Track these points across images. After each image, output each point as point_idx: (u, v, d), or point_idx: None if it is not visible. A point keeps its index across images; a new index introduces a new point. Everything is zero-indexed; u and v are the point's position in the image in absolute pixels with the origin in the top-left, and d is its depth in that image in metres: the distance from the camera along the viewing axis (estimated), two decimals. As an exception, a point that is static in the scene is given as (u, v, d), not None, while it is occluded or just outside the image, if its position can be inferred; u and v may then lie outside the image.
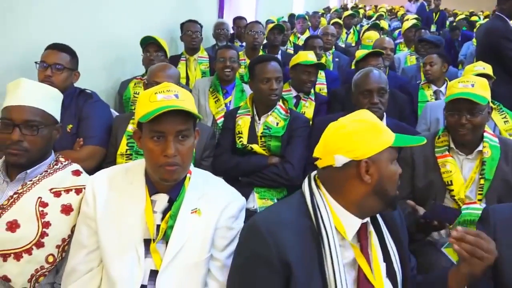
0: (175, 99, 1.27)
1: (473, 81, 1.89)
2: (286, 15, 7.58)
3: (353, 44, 5.98)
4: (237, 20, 5.02)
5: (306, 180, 1.28)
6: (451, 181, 1.89)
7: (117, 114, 2.52)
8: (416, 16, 8.50)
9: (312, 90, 3.07)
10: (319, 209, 1.19)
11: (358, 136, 1.18)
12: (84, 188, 1.40)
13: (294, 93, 3.01)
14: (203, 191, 1.37)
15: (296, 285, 1.12)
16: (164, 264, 1.27)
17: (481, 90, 1.87)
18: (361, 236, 1.23)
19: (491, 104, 2.72)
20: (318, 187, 1.24)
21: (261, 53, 3.79)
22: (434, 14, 7.89)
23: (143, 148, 1.30)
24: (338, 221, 1.19)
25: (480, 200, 1.88)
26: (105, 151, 2.17)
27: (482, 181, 1.87)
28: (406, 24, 5.60)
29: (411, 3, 13.99)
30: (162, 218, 1.32)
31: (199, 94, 3.01)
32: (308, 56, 2.93)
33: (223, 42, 4.32)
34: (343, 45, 5.56)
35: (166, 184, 1.31)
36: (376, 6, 15.50)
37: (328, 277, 1.13)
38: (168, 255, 1.28)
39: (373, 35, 4.17)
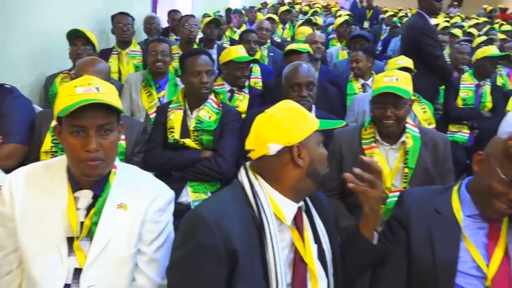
0: (96, 93, 1.24)
1: (398, 75, 1.98)
2: (223, 9, 7.57)
3: (289, 39, 6.10)
4: (172, 13, 4.95)
5: (242, 171, 1.31)
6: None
7: (41, 109, 2.41)
8: (348, 12, 8.84)
9: (246, 83, 3.11)
10: (259, 198, 1.23)
11: (288, 123, 1.24)
12: (1, 187, 1.33)
13: (227, 87, 3.03)
14: (129, 185, 1.35)
15: (240, 272, 1.15)
16: (88, 262, 1.24)
17: (405, 84, 1.97)
18: (298, 219, 1.29)
19: (412, 97, 2.94)
20: (255, 177, 1.28)
21: (195, 47, 3.77)
22: (367, 11, 8.23)
23: (63, 144, 1.26)
24: (276, 207, 1.24)
25: (404, 187, 1.98)
26: (26, 149, 2.06)
27: (406, 170, 1.97)
28: (338, 20, 5.82)
29: (344, 0, 14.55)
30: (87, 215, 1.29)
31: (131, 88, 2.94)
32: (240, 52, 2.92)
33: (154, 36, 4.24)
34: (279, 40, 5.66)
35: (89, 179, 1.28)
36: (311, 2, 15.89)
37: (268, 261, 1.18)
38: (93, 252, 1.25)
39: (306, 30, 4.29)
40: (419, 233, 1.42)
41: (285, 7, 7.29)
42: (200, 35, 4.40)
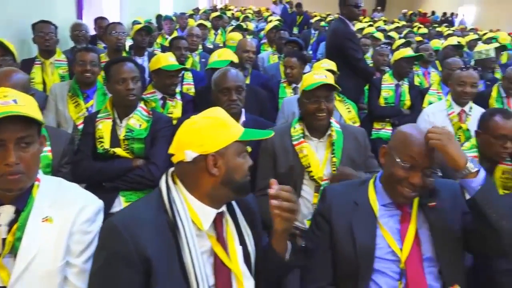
0: (14, 105, 1.21)
1: (325, 74, 2.21)
2: (154, 15, 7.48)
3: (221, 45, 6.15)
4: (99, 20, 4.83)
5: (163, 177, 1.33)
6: (309, 163, 2.13)
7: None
8: (279, 18, 9.09)
9: (178, 90, 3.11)
10: (175, 203, 1.25)
11: (206, 132, 1.26)
12: None
13: (159, 94, 3.02)
14: (54, 197, 1.33)
15: (156, 279, 1.17)
16: (12, 279, 1.20)
17: (332, 80, 2.18)
18: (217, 224, 1.32)
19: (336, 96, 3.11)
20: (175, 182, 1.30)
21: (124, 54, 3.71)
22: (298, 17, 8.51)
23: None
24: (194, 213, 1.26)
25: None
26: None
27: (334, 159, 2.14)
28: (268, 26, 5.98)
29: (275, 6, 14.91)
30: (9, 231, 1.25)
31: (57, 99, 2.83)
32: (169, 60, 2.91)
33: (82, 44, 4.13)
34: (211, 46, 5.70)
35: (10, 194, 1.24)
36: (243, 8, 16.11)
37: (187, 267, 1.21)
38: (17, 269, 1.21)
39: (236, 36, 4.37)
40: (340, 225, 1.53)
41: (216, 13, 7.35)
42: (129, 42, 4.34)
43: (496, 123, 2.09)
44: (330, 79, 2.18)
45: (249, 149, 1.38)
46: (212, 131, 1.26)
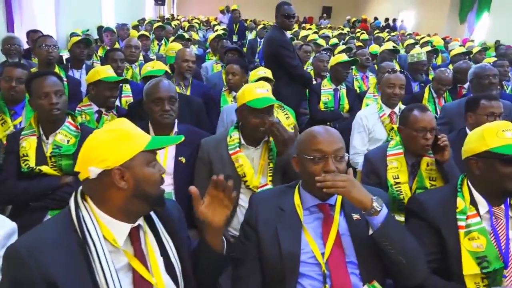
0: None
1: (266, 87, 2.23)
2: (95, 26, 7.28)
3: (165, 55, 6.08)
4: (32, 33, 4.64)
5: (73, 195, 1.27)
6: (244, 173, 2.14)
7: None
8: (224, 27, 9.14)
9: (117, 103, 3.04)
10: (84, 221, 1.20)
11: (108, 146, 1.21)
12: None
13: (95, 107, 2.93)
14: None
15: None
16: None
17: (271, 94, 2.22)
18: (133, 239, 1.29)
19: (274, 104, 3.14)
20: (85, 200, 1.25)
21: (57, 68, 3.57)
22: (234, 25, 8.58)
23: None
24: (106, 230, 1.22)
25: (271, 181, 2.18)
26: None
27: (271, 165, 2.18)
28: (211, 36, 5.99)
29: (223, 15, 14.99)
30: None
31: (-19, 117, 2.69)
32: (108, 72, 2.85)
33: (15, 58, 3.95)
34: (154, 57, 5.62)
35: None
36: (191, 18, 16.06)
37: (100, 285, 1.16)
38: None
39: (176, 46, 4.34)
40: (266, 232, 1.53)
41: (159, 23, 7.25)
42: (67, 55, 4.19)
43: (415, 117, 2.22)
44: (271, 93, 2.22)
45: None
46: (114, 144, 1.22)
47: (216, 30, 7.92)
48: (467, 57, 5.56)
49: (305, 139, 1.57)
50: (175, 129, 2.31)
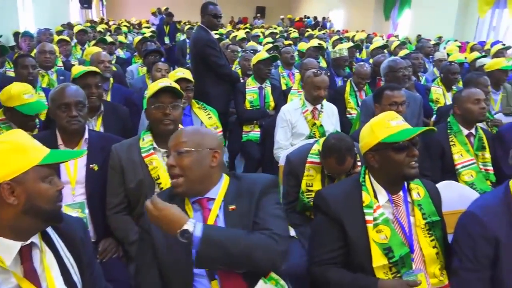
0: None
1: (170, 81, 2.23)
2: (11, 32, 6.85)
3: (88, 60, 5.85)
4: None
5: None
6: (158, 175, 2.08)
7: None
8: (153, 29, 8.97)
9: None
10: None
11: None
12: None
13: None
14: None
15: None
16: None
17: (177, 87, 2.18)
18: (23, 258, 1.21)
19: (196, 104, 3.12)
20: None
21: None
22: (165, 27, 8.43)
23: None
24: None
25: None
26: None
27: None
28: (137, 38, 5.84)
29: (155, 17, 14.71)
30: None
31: None
32: (24, 98, 2.56)
33: None
34: (76, 62, 5.37)
35: None
36: (120, 21, 15.60)
37: None
38: None
39: (93, 50, 4.18)
40: (159, 239, 1.51)
41: (80, 27, 6.94)
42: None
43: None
44: (175, 85, 2.18)
45: None
46: (4, 157, 1.15)
47: (145, 33, 7.75)
48: (384, 50, 5.83)
49: None
50: (86, 135, 2.21)
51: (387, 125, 1.63)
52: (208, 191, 1.55)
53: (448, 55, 5.80)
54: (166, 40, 8.25)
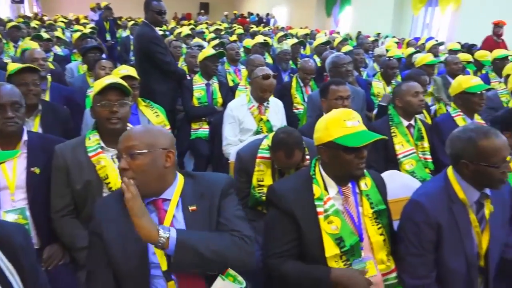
0: None
1: (116, 79, 2.15)
2: None
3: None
4: None
5: None
6: (107, 175, 2.01)
7: None
8: (93, 25, 8.62)
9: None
10: None
11: None
12: None
13: None
14: None
15: None
16: None
17: (124, 83, 2.13)
18: None
19: (142, 102, 3.04)
20: None
21: None
22: (105, 23, 8.12)
23: None
24: None
25: None
26: None
27: None
28: (76, 35, 5.59)
29: (94, 13, 14.11)
30: None
31: None
32: None
33: None
34: (9, 60, 5.05)
35: None
36: (57, 17, 14.85)
37: None
38: None
39: (30, 44, 3.96)
40: (112, 237, 1.47)
41: (13, 23, 6.52)
42: None
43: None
44: (121, 82, 2.12)
45: None
46: None
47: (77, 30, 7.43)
48: (327, 46, 5.99)
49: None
50: (24, 137, 2.09)
51: (343, 125, 1.64)
52: (163, 192, 1.53)
53: (387, 50, 6.05)
54: (108, 36, 7.94)
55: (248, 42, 6.63)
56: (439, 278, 1.68)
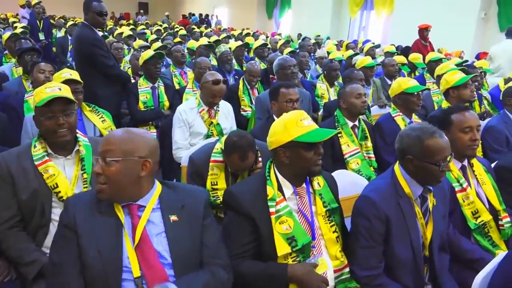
0: None
1: (60, 86, 2.06)
2: None
3: None
4: None
5: None
6: (56, 183, 1.93)
7: None
8: (24, 24, 8.13)
9: None
10: None
11: None
12: None
13: None
14: None
15: None
16: None
17: (68, 93, 2.04)
18: None
19: (87, 107, 2.94)
20: None
21: None
22: (39, 22, 7.69)
23: None
24: None
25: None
26: None
27: (85, 176, 2.00)
28: (6, 35, 5.25)
29: (24, 10, 13.27)
30: None
31: None
32: None
33: None
34: None
35: None
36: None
37: None
38: None
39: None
40: (85, 234, 1.45)
41: None
42: None
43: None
44: (65, 91, 2.03)
45: None
46: None
47: (16, 28, 6.99)
48: (266, 48, 6.12)
49: None
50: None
51: (300, 124, 1.72)
52: (139, 199, 1.53)
53: (328, 53, 6.27)
54: (41, 36, 7.52)
55: (192, 44, 6.58)
56: (388, 268, 1.79)
